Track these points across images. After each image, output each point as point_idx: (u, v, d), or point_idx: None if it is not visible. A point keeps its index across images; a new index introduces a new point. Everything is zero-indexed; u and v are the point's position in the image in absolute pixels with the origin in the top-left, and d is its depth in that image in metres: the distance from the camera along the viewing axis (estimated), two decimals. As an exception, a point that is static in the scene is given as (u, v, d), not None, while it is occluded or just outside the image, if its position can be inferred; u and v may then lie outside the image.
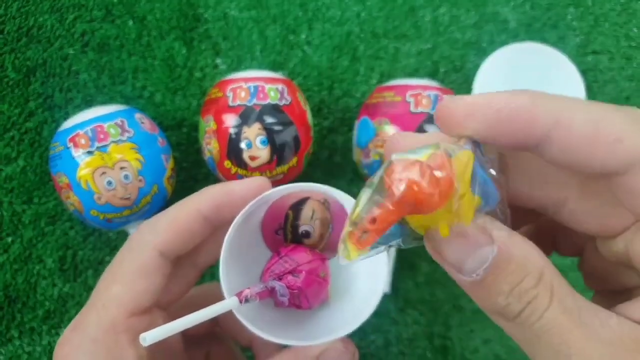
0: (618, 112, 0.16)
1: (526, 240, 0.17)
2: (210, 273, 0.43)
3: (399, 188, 0.15)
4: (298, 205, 0.26)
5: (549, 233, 0.23)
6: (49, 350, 0.42)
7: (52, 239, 0.43)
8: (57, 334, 0.42)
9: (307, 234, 0.26)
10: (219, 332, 0.32)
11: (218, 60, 0.47)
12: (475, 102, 0.17)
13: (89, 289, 0.43)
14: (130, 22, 0.47)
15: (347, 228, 0.16)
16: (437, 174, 0.15)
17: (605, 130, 0.16)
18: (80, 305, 0.43)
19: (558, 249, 0.23)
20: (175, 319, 0.27)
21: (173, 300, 0.27)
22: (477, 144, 0.17)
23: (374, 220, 0.15)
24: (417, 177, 0.15)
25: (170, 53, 0.47)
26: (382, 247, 0.17)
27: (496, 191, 0.17)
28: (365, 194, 0.16)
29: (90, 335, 0.22)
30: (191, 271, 0.27)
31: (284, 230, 0.26)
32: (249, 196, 0.24)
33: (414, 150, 0.16)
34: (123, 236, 0.44)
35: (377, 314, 0.44)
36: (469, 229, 0.17)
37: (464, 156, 0.16)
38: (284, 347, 0.24)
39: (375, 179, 0.16)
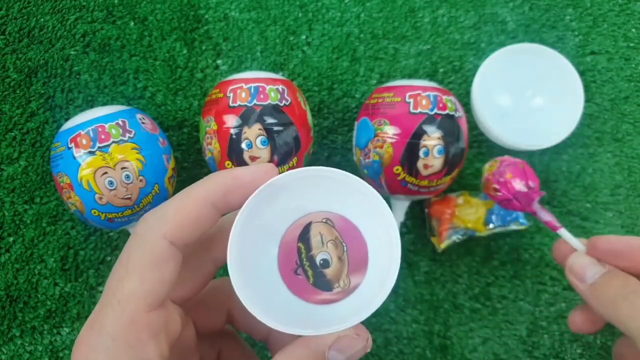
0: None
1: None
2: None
3: None
4: (304, 235, 0.26)
5: None
6: (51, 350, 0.42)
7: (54, 238, 0.43)
8: (59, 334, 0.42)
9: (326, 264, 0.26)
10: (230, 330, 0.32)
11: (219, 61, 0.47)
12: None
13: (90, 288, 0.43)
14: (132, 23, 0.47)
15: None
16: None
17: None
18: (81, 304, 0.43)
19: None
20: (190, 316, 0.27)
21: (189, 296, 0.26)
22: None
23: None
24: None
25: (171, 54, 0.47)
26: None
27: None
28: None
29: (109, 333, 0.21)
30: (207, 266, 0.26)
31: (302, 268, 0.26)
32: (256, 182, 0.23)
33: None
34: (124, 236, 0.44)
35: (377, 313, 0.44)
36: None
37: None
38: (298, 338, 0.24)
39: None
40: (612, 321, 0.28)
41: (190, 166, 0.46)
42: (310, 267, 0.26)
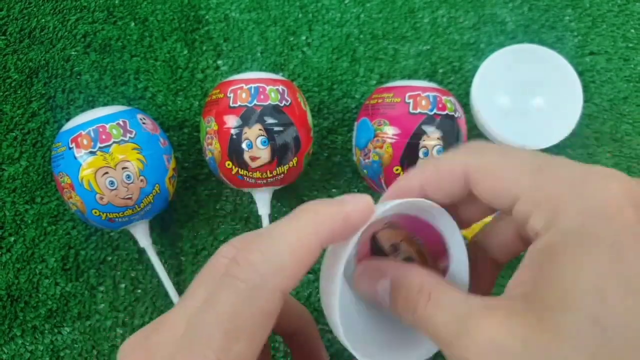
0: (451, 154, 0.23)
1: (413, 267, 0.23)
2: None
3: None
4: (375, 247, 0.25)
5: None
6: (51, 349, 0.42)
7: (55, 238, 0.44)
8: (60, 333, 0.43)
9: (410, 261, 0.25)
10: None
11: (219, 62, 0.48)
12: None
13: (91, 288, 0.43)
14: (132, 24, 0.47)
15: None
16: None
17: (441, 169, 0.23)
18: (82, 304, 0.43)
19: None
20: None
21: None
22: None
23: None
24: None
25: (171, 54, 0.47)
26: None
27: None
28: None
29: None
30: None
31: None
32: (361, 221, 0.21)
33: None
34: (125, 235, 0.44)
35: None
36: (366, 271, 0.24)
37: None
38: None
39: None
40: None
41: (190, 166, 0.46)
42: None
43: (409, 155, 0.39)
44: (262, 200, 0.42)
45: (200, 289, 0.21)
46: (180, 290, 0.43)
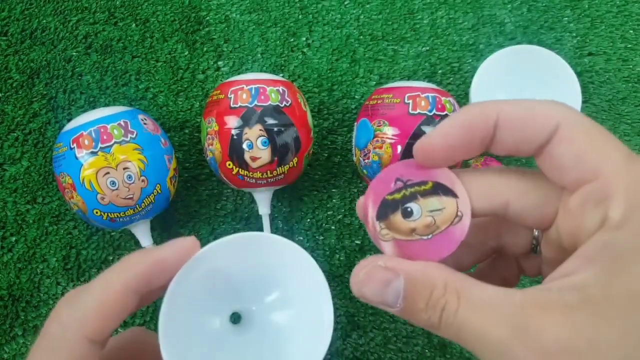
0: (543, 101, 0.21)
1: (426, 264, 0.21)
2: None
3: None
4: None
5: (512, 261, 0.26)
6: (53, 348, 0.43)
7: (56, 238, 0.44)
8: (61, 332, 0.43)
9: (410, 213, 0.22)
10: None
11: (220, 63, 0.48)
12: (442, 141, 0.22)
13: (92, 287, 0.44)
14: (133, 25, 0.47)
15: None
16: None
17: (534, 111, 0.20)
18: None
19: (524, 272, 0.26)
20: None
21: None
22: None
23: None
24: None
25: (172, 55, 0.47)
26: None
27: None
28: None
29: None
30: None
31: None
32: (180, 261, 0.22)
33: None
34: (126, 235, 0.44)
35: (376, 311, 0.44)
36: (376, 273, 0.21)
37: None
38: None
39: None
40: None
41: (191, 166, 0.46)
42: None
43: (408, 155, 0.39)
44: (263, 200, 0.42)
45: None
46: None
